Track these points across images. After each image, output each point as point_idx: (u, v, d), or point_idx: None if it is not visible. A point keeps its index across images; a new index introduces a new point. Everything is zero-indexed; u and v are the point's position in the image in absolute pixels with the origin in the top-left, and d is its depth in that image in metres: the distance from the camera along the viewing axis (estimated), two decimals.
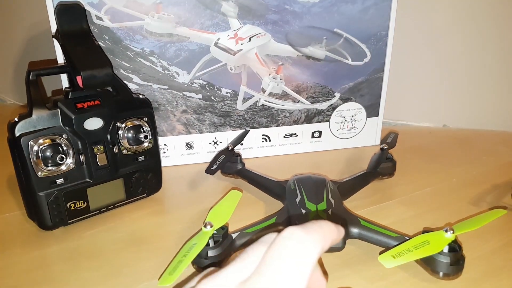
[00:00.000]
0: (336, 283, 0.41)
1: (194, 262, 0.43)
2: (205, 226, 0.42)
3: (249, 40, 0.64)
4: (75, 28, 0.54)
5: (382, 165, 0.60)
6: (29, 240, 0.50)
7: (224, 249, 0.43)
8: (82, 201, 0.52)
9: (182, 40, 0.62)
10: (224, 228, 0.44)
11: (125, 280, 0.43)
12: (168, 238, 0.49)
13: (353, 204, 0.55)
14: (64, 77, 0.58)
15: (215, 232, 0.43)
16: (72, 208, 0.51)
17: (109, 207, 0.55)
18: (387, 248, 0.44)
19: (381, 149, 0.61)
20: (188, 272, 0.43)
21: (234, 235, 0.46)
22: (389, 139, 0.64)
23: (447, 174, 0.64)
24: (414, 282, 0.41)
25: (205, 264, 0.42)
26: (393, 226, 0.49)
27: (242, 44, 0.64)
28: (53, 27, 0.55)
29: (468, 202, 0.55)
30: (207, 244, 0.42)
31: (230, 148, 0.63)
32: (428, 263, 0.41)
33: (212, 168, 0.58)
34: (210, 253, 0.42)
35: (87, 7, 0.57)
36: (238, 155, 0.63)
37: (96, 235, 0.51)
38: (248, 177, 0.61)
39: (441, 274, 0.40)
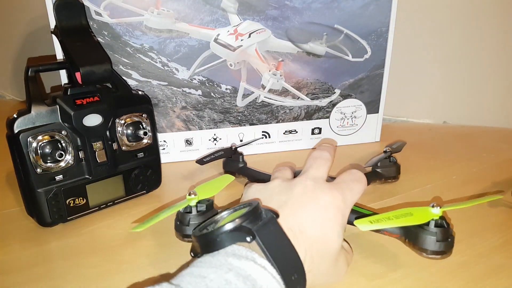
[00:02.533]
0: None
1: (176, 230, 0.45)
2: (189, 194, 0.44)
3: (249, 36, 0.63)
4: (74, 23, 0.54)
5: (386, 168, 0.59)
6: (28, 236, 0.50)
7: (206, 219, 0.43)
8: (81, 198, 0.52)
9: (182, 36, 0.62)
10: (209, 201, 0.46)
11: (124, 277, 0.42)
12: (167, 234, 0.49)
13: None
14: (63, 73, 0.58)
15: (200, 203, 0.45)
16: (71, 204, 0.51)
17: (109, 204, 0.55)
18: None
19: (384, 151, 0.61)
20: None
21: (220, 211, 0.46)
22: (395, 145, 0.63)
23: (447, 171, 0.63)
24: (413, 280, 0.41)
25: (186, 232, 0.44)
26: None
27: (242, 40, 0.63)
28: (52, 23, 0.55)
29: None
30: (190, 212, 0.44)
31: (232, 147, 0.63)
32: (415, 241, 0.40)
33: (203, 159, 0.60)
34: (192, 221, 0.43)
35: (86, 3, 0.56)
36: (241, 154, 0.63)
37: (95, 232, 0.51)
38: (248, 175, 0.61)
39: (428, 252, 0.39)
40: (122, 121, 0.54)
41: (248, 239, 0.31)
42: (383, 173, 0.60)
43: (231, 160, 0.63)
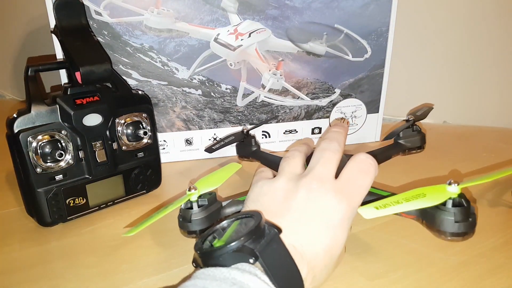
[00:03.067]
0: (335, 281, 0.40)
1: (180, 226, 0.44)
2: (189, 189, 0.42)
3: (249, 36, 0.63)
4: (74, 23, 0.53)
5: (409, 138, 0.56)
6: (28, 236, 0.50)
7: (209, 214, 0.43)
8: (81, 198, 0.52)
9: (182, 35, 0.62)
10: (211, 194, 0.44)
11: (124, 277, 0.42)
12: (167, 234, 0.49)
13: None
14: (63, 73, 0.58)
15: (201, 197, 0.43)
16: (71, 204, 0.51)
17: (109, 204, 0.55)
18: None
19: (407, 120, 0.56)
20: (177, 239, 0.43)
21: (224, 203, 0.46)
22: (420, 112, 0.58)
23: (447, 171, 0.63)
24: (413, 280, 0.41)
25: (190, 228, 0.42)
26: (393, 223, 0.49)
27: (242, 39, 0.63)
28: (52, 22, 0.55)
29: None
30: (191, 208, 0.42)
31: (244, 131, 0.61)
32: (432, 223, 0.36)
33: (212, 147, 0.57)
34: (194, 217, 0.42)
35: (86, 2, 0.56)
36: (253, 137, 0.61)
37: (95, 232, 0.51)
38: (262, 158, 0.60)
39: (447, 234, 0.36)
40: (122, 121, 0.54)
41: (251, 260, 0.31)
42: (406, 144, 0.55)
43: (243, 144, 0.61)
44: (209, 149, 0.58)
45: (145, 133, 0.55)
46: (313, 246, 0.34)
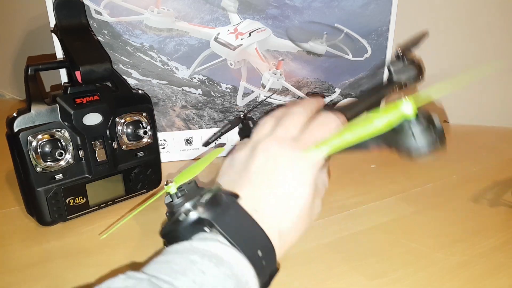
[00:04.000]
0: (334, 280, 0.41)
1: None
2: (166, 184, 0.41)
3: (249, 35, 0.63)
4: (74, 22, 0.53)
5: (403, 73, 0.51)
6: (28, 235, 0.50)
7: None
8: (81, 197, 0.52)
9: (182, 35, 0.62)
10: (190, 183, 0.43)
11: None
12: None
13: (353, 200, 0.55)
14: (63, 72, 0.58)
15: (180, 188, 0.41)
16: (71, 203, 0.51)
17: (108, 203, 0.55)
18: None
19: (396, 56, 0.51)
20: None
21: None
22: (409, 40, 0.53)
23: (447, 171, 0.63)
24: (413, 280, 0.41)
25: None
26: (393, 223, 0.49)
27: (242, 39, 0.63)
28: (52, 22, 0.55)
29: (469, 199, 0.55)
30: (172, 200, 0.40)
31: (241, 116, 0.60)
32: (399, 147, 0.34)
33: (209, 141, 0.58)
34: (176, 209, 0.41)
35: (86, 1, 0.56)
36: (250, 118, 0.61)
37: (95, 231, 0.50)
38: None
39: (412, 153, 0.33)
40: (122, 120, 0.54)
41: (207, 229, 0.32)
42: (400, 79, 0.51)
43: (243, 129, 0.61)
44: (206, 143, 0.58)
45: (145, 133, 0.55)
46: (275, 206, 0.35)
